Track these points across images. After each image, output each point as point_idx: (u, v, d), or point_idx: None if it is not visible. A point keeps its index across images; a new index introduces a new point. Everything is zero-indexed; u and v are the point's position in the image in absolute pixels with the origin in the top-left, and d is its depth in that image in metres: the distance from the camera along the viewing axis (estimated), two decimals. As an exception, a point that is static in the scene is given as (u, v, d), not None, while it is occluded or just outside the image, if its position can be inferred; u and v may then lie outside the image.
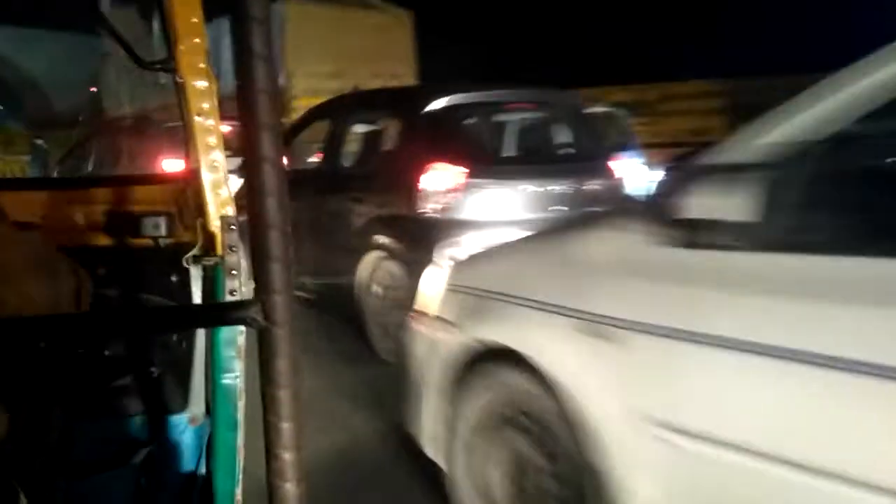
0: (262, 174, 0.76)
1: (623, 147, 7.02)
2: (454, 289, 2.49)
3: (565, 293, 1.98)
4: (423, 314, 2.65)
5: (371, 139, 5.42)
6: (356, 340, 5.01)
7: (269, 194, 0.76)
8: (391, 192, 4.81)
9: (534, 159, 5.03)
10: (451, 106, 4.76)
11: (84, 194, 2.02)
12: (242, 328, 1.55)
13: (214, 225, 1.67)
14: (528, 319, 2.07)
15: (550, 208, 4.81)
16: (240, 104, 0.75)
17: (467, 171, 4.52)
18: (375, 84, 9.76)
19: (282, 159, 0.78)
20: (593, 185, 5.06)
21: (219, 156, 1.69)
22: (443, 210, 4.51)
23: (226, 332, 1.55)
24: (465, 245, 4.42)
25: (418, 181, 4.52)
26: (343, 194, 5.24)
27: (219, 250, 1.64)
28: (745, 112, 9.28)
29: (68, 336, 1.30)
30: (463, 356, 2.36)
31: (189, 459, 1.73)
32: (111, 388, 1.75)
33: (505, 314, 2.19)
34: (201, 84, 1.70)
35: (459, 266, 2.66)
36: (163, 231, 1.92)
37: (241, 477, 1.57)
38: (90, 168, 7.99)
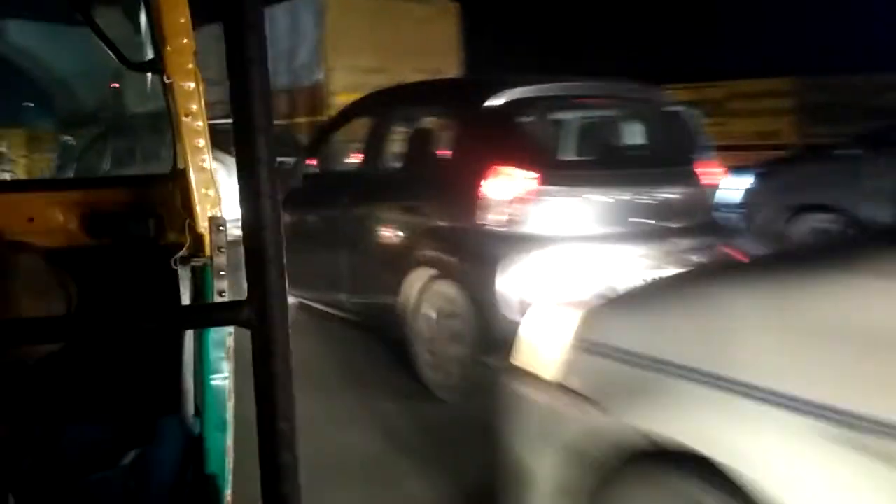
0: (257, 176, 0.76)
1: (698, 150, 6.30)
2: (591, 349, 1.79)
3: (811, 378, 1.28)
4: (532, 376, 1.93)
5: (420, 139, 4.74)
6: (404, 371, 4.36)
7: (263, 196, 0.77)
8: (445, 200, 4.13)
9: (612, 163, 4.32)
10: (516, 100, 4.07)
11: (72, 195, 1.99)
12: (231, 329, 1.60)
13: (203, 226, 1.69)
14: (737, 413, 1.38)
15: (631, 220, 4.10)
16: (233, 107, 0.75)
17: (536, 176, 3.82)
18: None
19: (275, 161, 0.78)
20: (679, 194, 4.35)
21: (207, 157, 1.71)
22: (508, 222, 3.82)
23: (215, 334, 1.59)
24: (536, 264, 3.74)
25: (479, 188, 3.84)
26: (386, 201, 4.59)
27: (207, 251, 1.67)
28: (814, 112, 8.57)
29: (58, 339, 1.33)
30: (610, 451, 1.66)
31: (179, 461, 1.71)
32: (100, 390, 1.75)
33: (691, 399, 1.49)
34: (189, 85, 1.71)
35: (598, 314, 1.93)
36: (151, 232, 1.92)
37: (231, 478, 1.58)
38: (107, 166, 7.52)
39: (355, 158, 5.73)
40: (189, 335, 1.77)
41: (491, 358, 3.85)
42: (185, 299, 1.75)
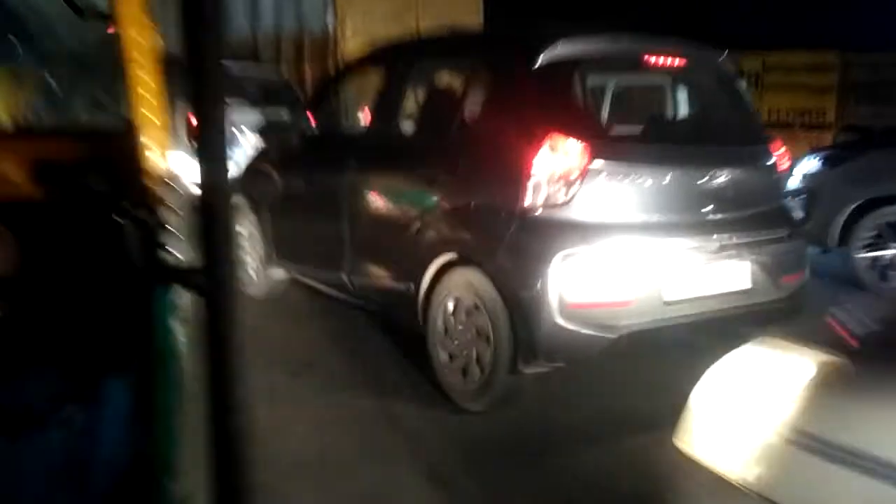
0: (210, 143, 0.78)
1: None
2: (844, 456, 1.14)
3: None
4: (715, 474, 1.29)
5: (447, 100, 4.10)
6: (416, 370, 3.84)
7: (215, 162, 0.78)
8: (478, 174, 3.54)
9: (681, 138, 3.70)
10: (573, 59, 3.46)
11: (19, 146, 1.93)
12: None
13: (153, 183, 1.72)
14: None
15: (705, 209, 3.51)
16: (189, 72, 0.76)
17: (595, 150, 3.23)
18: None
19: (226, 129, 0.79)
20: (751, 177, 3.77)
21: (159, 111, 1.73)
22: (556, 204, 3.24)
23: (168, 294, 1.61)
24: (590, 258, 3.17)
25: (523, 161, 3.25)
26: (402, 170, 3.99)
27: (156, 208, 1.69)
28: (857, 90, 7.94)
29: (4, 295, 1.39)
30: None
31: (125, 420, 1.66)
32: (43, 346, 1.69)
33: None
34: (139, 35, 1.71)
35: (849, 393, 1.25)
36: (100, 187, 1.87)
37: (179, 439, 1.58)
38: (84, 113, 6.87)
39: (365, 120, 5.10)
40: (140, 294, 1.76)
41: (527, 366, 3.29)
42: (134, 257, 1.73)
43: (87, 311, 1.73)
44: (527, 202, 3.24)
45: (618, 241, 3.25)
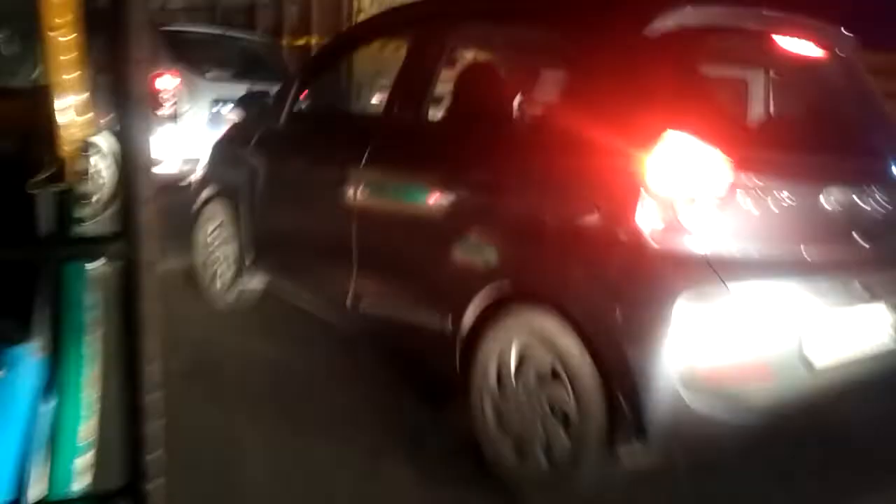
0: (130, 113, 0.79)
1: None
2: None
3: None
4: None
5: (505, 77, 3.24)
6: (450, 427, 3.00)
7: (136, 133, 0.79)
8: (560, 182, 2.71)
9: (827, 148, 2.92)
10: (698, 30, 2.67)
11: None
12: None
13: (67, 149, 1.72)
14: None
15: (855, 242, 2.83)
16: (112, 39, 0.77)
17: (738, 155, 2.46)
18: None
19: (149, 99, 0.79)
20: (883, 198, 3.09)
21: (77, 75, 1.73)
22: (674, 231, 2.45)
23: (81, 265, 1.64)
24: (720, 308, 2.40)
25: (636, 168, 2.46)
26: (441, 169, 3.13)
27: (71, 177, 1.71)
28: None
29: None
30: None
31: (34, 392, 1.61)
32: None
33: None
34: None
35: None
36: (10, 150, 1.89)
37: (90, 413, 1.59)
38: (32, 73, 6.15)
39: (380, 100, 4.29)
40: (51, 264, 1.74)
41: (625, 456, 2.49)
42: (44, 225, 1.74)
43: None
44: (636, 224, 2.43)
45: (763, 284, 2.48)
